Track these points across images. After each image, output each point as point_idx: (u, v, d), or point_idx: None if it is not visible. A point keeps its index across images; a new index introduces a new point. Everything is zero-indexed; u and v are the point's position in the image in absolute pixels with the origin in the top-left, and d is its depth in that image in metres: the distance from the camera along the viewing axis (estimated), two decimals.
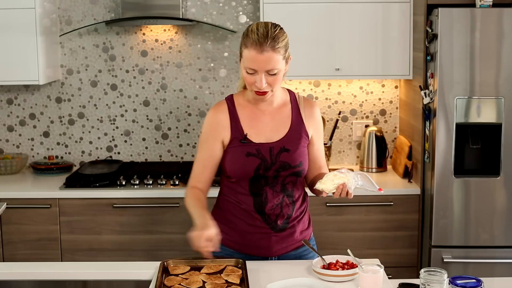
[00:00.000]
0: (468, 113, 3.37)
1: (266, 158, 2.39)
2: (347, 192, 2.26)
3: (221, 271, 2.26)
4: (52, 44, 3.93)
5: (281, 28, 2.36)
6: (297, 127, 2.46)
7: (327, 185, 2.27)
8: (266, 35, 2.28)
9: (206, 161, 2.46)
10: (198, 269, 2.28)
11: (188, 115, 4.12)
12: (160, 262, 2.31)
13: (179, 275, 2.24)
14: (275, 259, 2.48)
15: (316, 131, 2.51)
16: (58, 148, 4.16)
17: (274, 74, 2.31)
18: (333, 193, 2.28)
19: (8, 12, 3.65)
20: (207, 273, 2.24)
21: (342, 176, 2.26)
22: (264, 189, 2.41)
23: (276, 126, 2.45)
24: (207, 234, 2.22)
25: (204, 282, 2.18)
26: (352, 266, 2.27)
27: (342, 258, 2.33)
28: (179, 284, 2.17)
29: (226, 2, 4.02)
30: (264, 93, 2.35)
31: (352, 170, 3.93)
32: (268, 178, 2.40)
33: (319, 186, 2.29)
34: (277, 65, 2.30)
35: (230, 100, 2.48)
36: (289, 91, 2.54)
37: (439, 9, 3.31)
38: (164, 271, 2.27)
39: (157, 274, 2.23)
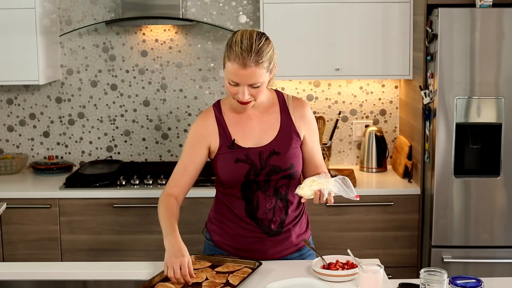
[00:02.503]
0: (468, 113, 3.37)
1: (256, 163, 2.37)
2: (326, 198, 2.24)
3: (234, 272, 2.26)
4: (52, 44, 3.93)
5: (267, 39, 2.30)
6: (287, 129, 2.43)
7: (305, 190, 2.25)
8: (250, 49, 2.22)
9: (189, 165, 2.43)
10: (218, 266, 2.30)
11: (188, 115, 4.12)
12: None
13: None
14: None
15: (308, 131, 2.47)
16: (58, 148, 4.16)
17: (257, 87, 2.28)
18: (313, 198, 2.26)
19: (8, 12, 3.65)
20: (217, 272, 2.25)
21: (319, 182, 2.24)
22: (256, 194, 2.39)
23: (264, 130, 2.42)
24: (182, 263, 2.18)
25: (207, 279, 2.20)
26: (352, 266, 2.27)
27: (342, 258, 2.33)
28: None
29: (226, 2, 4.02)
30: (247, 102, 2.32)
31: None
32: (259, 182, 2.38)
33: (297, 191, 2.27)
34: (260, 78, 2.27)
35: (217, 107, 2.46)
36: (277, 92, 2.50)
37: (439, 9, 3.31)
38: None
39: None
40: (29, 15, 3.64)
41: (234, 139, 2.39)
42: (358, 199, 2.28)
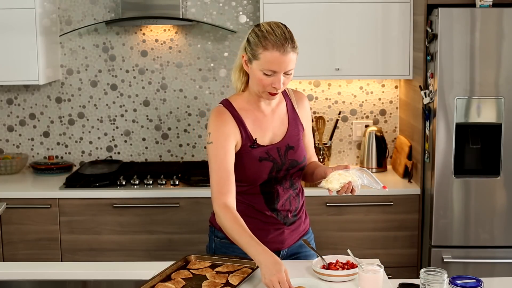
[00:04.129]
0: (468, 113, 3.37)
1: (277, 160, 2.41)
2: (352, 189, 2.28)
3: (233, 272, 2.26)
4: (52, 44, 3.93)
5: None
6: (294, 122, 2.48)
7: (333, 184, 2.28)
8: (285, 36, 2.26)
9: (229, 165, 2.32)
10: (218, 266, 2.30)
11: (188, 115, 4.12)
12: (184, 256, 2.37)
13: (191, 270, 2.26)
14: (285, 251, 2.49)
15: (307, 122, 2.55)
16: (58, 148, 4.16)
17: (290, 74, 2.32)
18: (338, 191, 2.29)
19: (8, 12, 3.65)
20: (218, 272, 2.25)
21: (347, 175, 2.28)
22: (275, 188, 2.43)
23: (277, 125, 2.46)
24: (281, 280, 2.07)
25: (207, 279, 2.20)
26: (352, 266, 2.27)
27: (342, 258, 2.33)
28: (182, 278, 2.19)
29: (226, 2, 4.02)
30: (276, 93, 2.34)
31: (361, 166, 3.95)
32: (278, 177, 2.42)
33: (325, 185, 2.30)
34: (294, 64, 2.31)
35: (229, 106, 2.41)
36: None
37: (439, 9, 3.31)
38: (185, 264, 2.32)
39: (171, 266, 2.26)
40: (29, 15, 3.64)
41: (255, 138, 2.40)
42: (386, 189, 2.29)
